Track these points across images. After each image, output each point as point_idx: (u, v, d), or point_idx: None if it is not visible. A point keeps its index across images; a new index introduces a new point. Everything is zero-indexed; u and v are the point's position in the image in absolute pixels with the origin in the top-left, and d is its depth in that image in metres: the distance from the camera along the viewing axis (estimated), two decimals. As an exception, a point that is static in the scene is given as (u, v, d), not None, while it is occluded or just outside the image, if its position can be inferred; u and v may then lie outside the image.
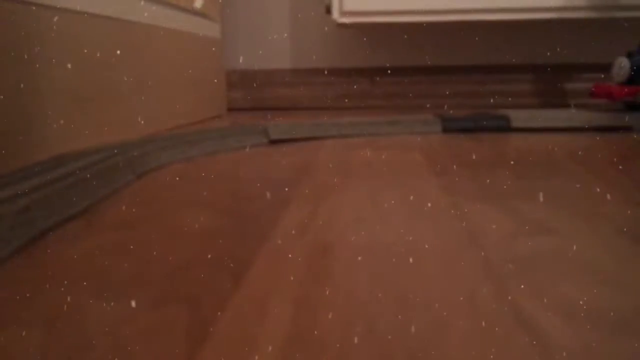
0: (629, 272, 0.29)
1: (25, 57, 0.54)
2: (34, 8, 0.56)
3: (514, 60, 1.31)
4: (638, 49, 0.97)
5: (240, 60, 1.36)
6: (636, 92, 0.93)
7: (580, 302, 0.26)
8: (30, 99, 0.55)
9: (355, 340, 0.23)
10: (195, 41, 1.05)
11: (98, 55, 0.68)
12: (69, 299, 0.27)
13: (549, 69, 1.31)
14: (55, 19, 0.59)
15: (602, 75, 1.26)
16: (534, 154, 0.67)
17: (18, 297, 0.28)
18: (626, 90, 0.93)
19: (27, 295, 0.28)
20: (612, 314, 0.24)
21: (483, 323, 0.24)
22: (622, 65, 0.95)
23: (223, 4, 1.27)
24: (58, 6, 0.60)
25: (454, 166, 0.59)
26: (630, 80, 0.95)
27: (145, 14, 0.83)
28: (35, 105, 0.55)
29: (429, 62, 1.33)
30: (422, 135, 0.85)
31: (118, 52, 0.74)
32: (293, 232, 0.37)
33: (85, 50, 0.65)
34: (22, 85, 0.53)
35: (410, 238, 0.36)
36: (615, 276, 0.29)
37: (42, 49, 0.57)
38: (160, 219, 0.41)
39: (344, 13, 1.15)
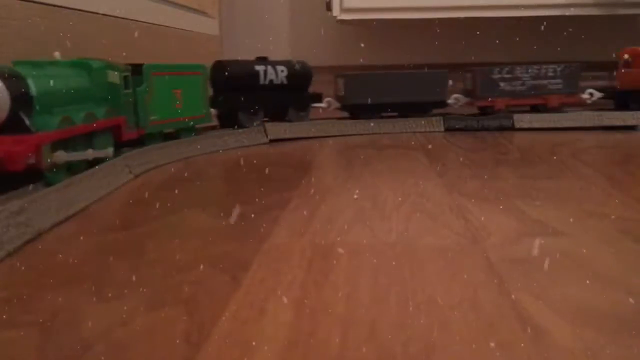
0: (632, 273, 0.29)
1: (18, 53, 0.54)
2: (30, 5, 0.55)
3: (519, 58, 1.31)
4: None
5: (239, 58, 1.35)
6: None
7: (583, 303, 0.25)
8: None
9: (356, 341, 0.22)
10: (193, 38, 1.05)
11: (93, 53, 0.68)
12: (65, 300, 0.27)
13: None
14: (51, 15, 0.59)
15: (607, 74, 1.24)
16: (538, 152, 0.67)
17: (14, 299, 0.27)
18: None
19: (24, 296, 0.27)
20: (614, 314, 0.24)
21: (485, 324, 0.23)
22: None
23: (222, 0, 1.26)
24: (54, 3, 0.59)
25: (457, 165, 0.59)
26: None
27: (142, 11, 0.82)
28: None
29: (431, 60, 1.33)
30: (424, 134, 0.85)
31: (113, 50, 0.73)
32: (293, 232, 0.37)
33: (80, 48, 0.64)
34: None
35: (412, 238, 0.35)
36: (618, 277, 0.28)
37: (35, 46, 0.56)
38: (158, 219, 0.41)
39: (344, 10, 1.15)
